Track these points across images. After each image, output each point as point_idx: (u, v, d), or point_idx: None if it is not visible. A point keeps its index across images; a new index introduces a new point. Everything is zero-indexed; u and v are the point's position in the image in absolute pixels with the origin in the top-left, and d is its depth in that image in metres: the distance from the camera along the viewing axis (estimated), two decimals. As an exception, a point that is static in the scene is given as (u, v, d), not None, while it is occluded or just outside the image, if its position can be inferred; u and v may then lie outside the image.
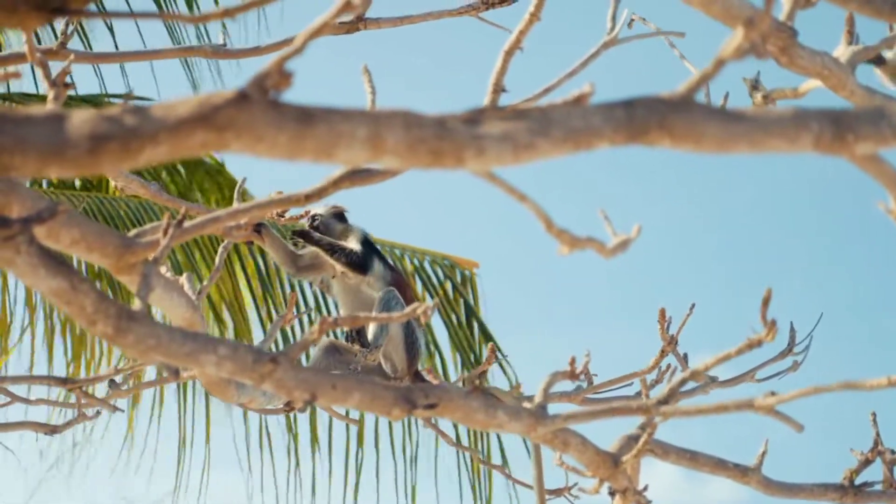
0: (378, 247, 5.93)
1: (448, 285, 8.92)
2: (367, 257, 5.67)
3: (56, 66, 2.52)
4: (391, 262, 5.96)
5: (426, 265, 8.96)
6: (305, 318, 8.40)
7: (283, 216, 4.30)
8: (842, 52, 3.18)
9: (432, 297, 8.79)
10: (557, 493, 4.25)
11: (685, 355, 4.36)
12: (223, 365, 2.04)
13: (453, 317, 8.82)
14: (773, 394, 2.28)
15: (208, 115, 1.54)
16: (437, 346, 8.71)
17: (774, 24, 2.69)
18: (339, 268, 5.62)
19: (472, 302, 8.94)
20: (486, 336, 8.83)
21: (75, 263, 7.72)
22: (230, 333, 8.42)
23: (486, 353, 8.63)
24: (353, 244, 5.73)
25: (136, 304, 2.07)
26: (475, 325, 8.84)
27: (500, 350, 8.67)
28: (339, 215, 5.90)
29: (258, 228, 5.28)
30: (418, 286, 8.86)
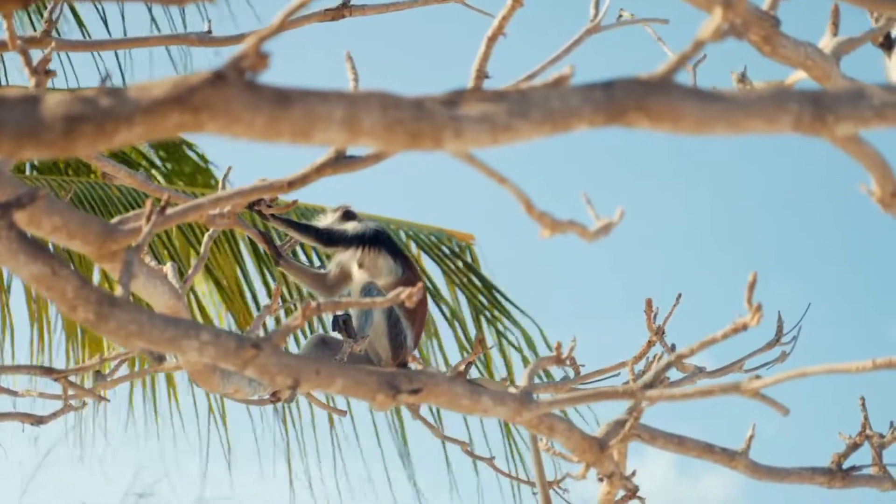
0: (393, 242, 5.96)
1: (455, 259, 8.89)
2: (340, 234, 5.78)
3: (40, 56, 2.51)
4: (409, 260, 5.99)
5: (423, 238, 8.94)
6: (293, 310, 8.37)
7: (271, 206, 4.29)
8: (826, 42, 3.17)
9: (442, 270, 8.78)
10: (548, 485, 4.23)
11: (673, 346, 4.35)
12: (205, 350, 2.03)
13: (465, 291, 8.81)
14: (758, 377, 2.28)
15: (184, 97, 1.53)
16: (455, 324, 8.68)
17: (757, 12, 2.68)
18: (308, 243, 5.78)
19: (477, 271, 8.92)
20: (496, 300, 8.80)
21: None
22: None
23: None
24: (336, 226, 5.83)
25: (119, 291, 2.06)
26: (482, 293, 8.82)
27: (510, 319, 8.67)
28: (347, 215, 5.96)
29: (278, 261, 5.42)
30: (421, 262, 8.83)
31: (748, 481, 3.07)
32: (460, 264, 8.89)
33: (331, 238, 5.78)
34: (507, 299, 8.80)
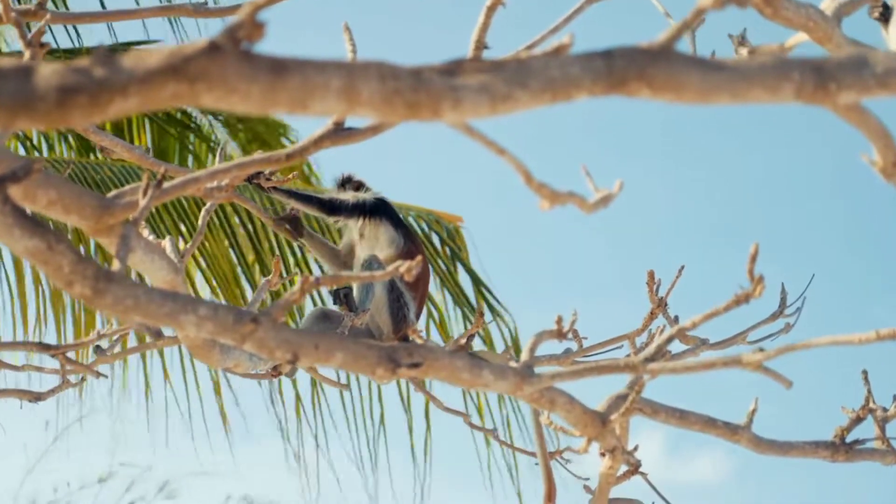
0: (395, 212, 5.94)
1: (436, 239, 8.88)
2: (342, 203, 5.76)
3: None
4: (411, 232, 5.98)
5: (412, 220, 8.91)
6: (291, 285, 8.36)
7: (270, 179, 4.26)
8: (827, 4, 3.16)
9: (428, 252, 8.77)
10: (549, 456, 4.22)
11: (676, 318, 4.34)
12: (203, 325, 2.02)
13: (455, 273, 8.79)
14: (761, 350, 2.26)
15: (179, 67, 1.51)
16: (435, 306, 8.68)
17: (758, -26, 2.66)
18: (311, 212, 5.79)
19: (460, 256, 8.91)
20: (481, 289, 8.79)
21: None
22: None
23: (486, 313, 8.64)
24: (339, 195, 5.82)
25: (116, 266, 2.05)
26: (467, 279, 8.81)
27: (495, 304, 8.67)
28: (348, 183, 5.93)
29: (300, 231, 5.40)
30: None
31: (739, 463, 3.09)
32: (448, 250, 8.87)
33: (333, 207, 5.76)
34: (488, 291, 8.79)
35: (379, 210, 5.84)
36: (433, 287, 8.65)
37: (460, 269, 8.83)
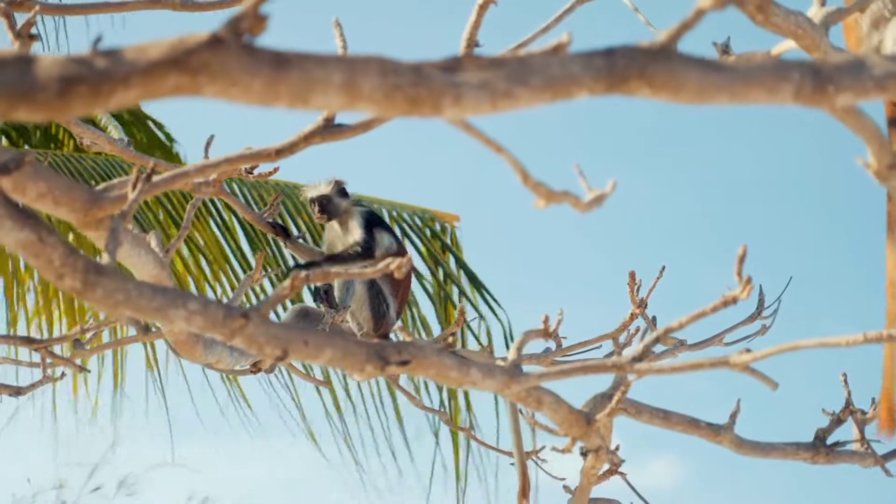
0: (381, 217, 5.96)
1: (435, 241, 8.89)
2: (369, 242, 5.72)
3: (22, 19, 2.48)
4: (396, 235, 5.99)
5: (406, 217, 8.91)
6: (276, 281, 8.34)
7: (251, 172, 4.23)
8: (815, 13, 3.17)
9: (418, 251, 8.77)
10: (526, 455, 4.21)
11: (654, 319, 4.34)
12: (193, 320, 2.00)
13: (439, 271, 8.79)
14: (748, 351, 2.26)
15: (181, 59, 1.50)
16: (416, 304, 8.68)
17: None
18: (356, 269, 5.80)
19: (453, 250, 8.92)
20: (475, 285, 8.80)
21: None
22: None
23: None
24: (355, 232, 5.77)
25: (105, 259, 2.03)
26: (461, 277, 8.81)
27: (491, 299, 8.67)
28: (343, 191, 5.91)
29: (287, 237, 5.42)
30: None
31: (695, 469, 3.10)
32: (438, 245, 8.88)
33: (369, 252, 5.68)
34: (482, 286, 8.79)
35: (375, 222, 5.86)
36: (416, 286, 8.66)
37: (452, 264, 8.83)
